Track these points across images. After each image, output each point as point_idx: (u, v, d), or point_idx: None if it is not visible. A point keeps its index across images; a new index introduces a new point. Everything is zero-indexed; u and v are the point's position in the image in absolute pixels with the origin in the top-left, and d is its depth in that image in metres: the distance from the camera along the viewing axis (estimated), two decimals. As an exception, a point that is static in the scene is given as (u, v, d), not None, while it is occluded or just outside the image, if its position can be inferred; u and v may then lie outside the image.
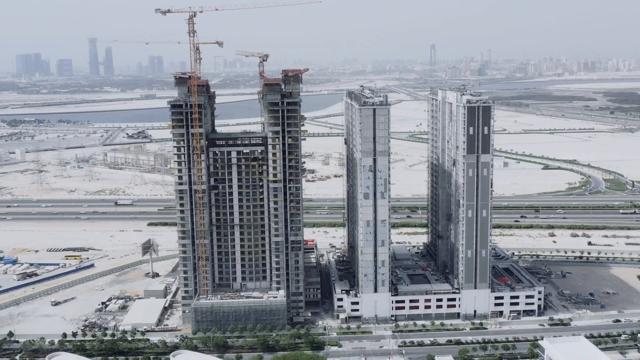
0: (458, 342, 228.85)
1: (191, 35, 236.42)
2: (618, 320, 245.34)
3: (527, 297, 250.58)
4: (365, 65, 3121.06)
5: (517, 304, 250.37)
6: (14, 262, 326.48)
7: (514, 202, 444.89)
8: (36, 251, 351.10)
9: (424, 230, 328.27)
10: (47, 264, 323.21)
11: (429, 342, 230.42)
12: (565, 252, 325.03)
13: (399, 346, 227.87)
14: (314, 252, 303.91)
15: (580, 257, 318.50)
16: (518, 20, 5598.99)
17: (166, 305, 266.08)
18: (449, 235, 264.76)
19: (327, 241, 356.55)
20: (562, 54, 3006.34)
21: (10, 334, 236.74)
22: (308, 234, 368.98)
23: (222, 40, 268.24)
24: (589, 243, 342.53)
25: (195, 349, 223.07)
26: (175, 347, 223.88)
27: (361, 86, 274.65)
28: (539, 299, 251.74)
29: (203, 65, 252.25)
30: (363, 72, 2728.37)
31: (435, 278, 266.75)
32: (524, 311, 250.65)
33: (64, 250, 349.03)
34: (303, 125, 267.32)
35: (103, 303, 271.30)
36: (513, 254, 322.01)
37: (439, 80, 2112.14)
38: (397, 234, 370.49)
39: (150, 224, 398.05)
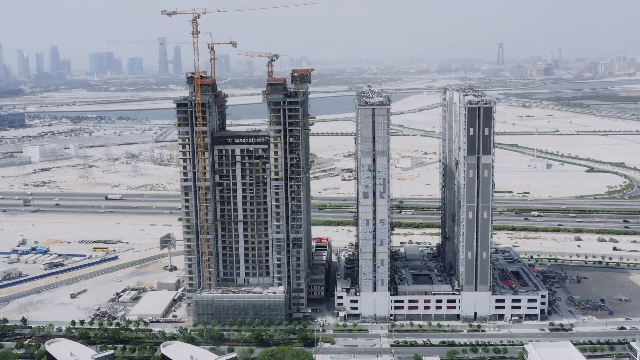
0: (451, 344, 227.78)
1: (195, 36, 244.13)
2: (623, 328, 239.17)
3: (530, 300, 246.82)
4: (430, 65, 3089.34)
5: (518, 307, 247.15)
6: (45, 252, 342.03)
7: (542, 205, 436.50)
8: (68, 242, 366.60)
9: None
10: (74, 255, 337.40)
11: (421, 342, 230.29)
12: (586, 257, 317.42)
13: (391, 345, 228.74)
14: (326, 250, 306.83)
15: (600, 263, 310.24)
16: (593, 18, 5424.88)
17: (176, 297, 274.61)
18: (454, 236, 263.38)
19: (348, 240, 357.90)
20: (639, 53, 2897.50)
21: (24, 320, 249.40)
22: (331, 232, 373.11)
23: (235, 40, 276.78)
24: (614, 248, 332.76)
25: (191, 340, 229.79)
26: (173, 337, 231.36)
27: (368, 86, 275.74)
28: (542, 303, 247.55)
29: (264, 64, 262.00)
30: (427, 72, 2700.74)
31: (439, 279, 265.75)
32: (526, 315, 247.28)
33: (94, 242, 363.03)
34: (312, 124, 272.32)
35: (117, 294, 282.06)
36: (531, 257, 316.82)
37: (504, 79, 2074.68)
38: (420, 234, 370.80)
39: (180, 219, 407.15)
